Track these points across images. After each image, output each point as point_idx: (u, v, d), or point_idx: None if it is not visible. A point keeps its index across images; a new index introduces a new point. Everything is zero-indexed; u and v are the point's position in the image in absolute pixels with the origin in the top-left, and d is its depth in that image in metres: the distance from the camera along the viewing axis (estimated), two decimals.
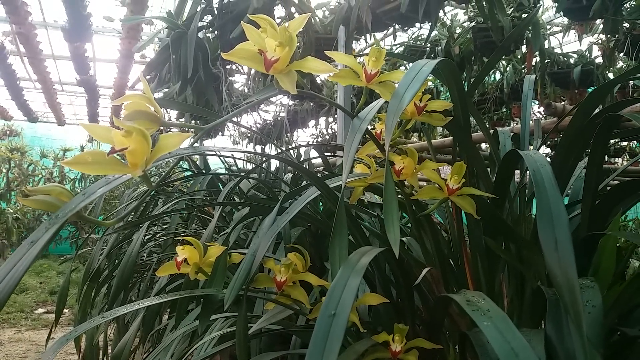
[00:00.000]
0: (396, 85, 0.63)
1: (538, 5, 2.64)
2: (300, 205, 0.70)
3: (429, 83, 5.13)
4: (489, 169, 1.13)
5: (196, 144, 0.52)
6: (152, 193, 2.14)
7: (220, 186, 1.89)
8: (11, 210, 6.96)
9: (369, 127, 0.69)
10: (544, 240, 0.57)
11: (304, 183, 1.42)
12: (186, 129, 0.52)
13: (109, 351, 1.91)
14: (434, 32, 3.55)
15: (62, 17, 4.06)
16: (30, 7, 4.20)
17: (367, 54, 0.67)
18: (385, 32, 3.02)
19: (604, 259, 0.76)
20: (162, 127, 0.51)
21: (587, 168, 0.73)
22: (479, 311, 0.55)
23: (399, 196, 0.85)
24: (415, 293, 0.87)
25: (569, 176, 0.79)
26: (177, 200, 1.73)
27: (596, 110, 0.71)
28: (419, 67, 0.63)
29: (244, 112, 3.89)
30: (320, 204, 1.66)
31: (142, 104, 0.50)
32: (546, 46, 3.58)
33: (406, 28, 2.66)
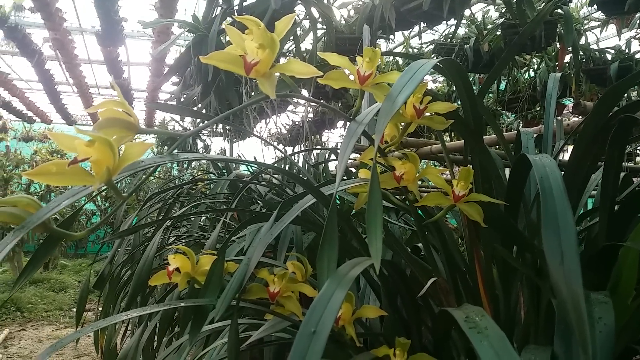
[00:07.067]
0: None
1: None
2: (295, 213, 0.68)
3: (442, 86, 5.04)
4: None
5: (175, 151, 0.50)
6: (176, 195, 2.16)
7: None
8: None
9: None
10: (548, 253, 0.53)
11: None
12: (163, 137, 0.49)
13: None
14: (465, 30, 3.46)
15: (97, 22, 4.17)
16: (65, 13, 4.31)
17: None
18: (410, 30, 2.96)
19: (625, 270, 0.71)
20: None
21: (603, 172, 0.68)
22: (476, 329, 0.52)
23: (406, 202, 0.82)
24: (424, 304, 0.83)
25: (585, 181, 0.73)
26: (196, 203, 1.73)
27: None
28: (416, 68, 0.60)
29: (272, 114, 3.90)
30: (338, 201, 1.63)
31: (117, 111, 0.48)
32: (582, 42, 3.43)
33: (432, 26, 2.60)
